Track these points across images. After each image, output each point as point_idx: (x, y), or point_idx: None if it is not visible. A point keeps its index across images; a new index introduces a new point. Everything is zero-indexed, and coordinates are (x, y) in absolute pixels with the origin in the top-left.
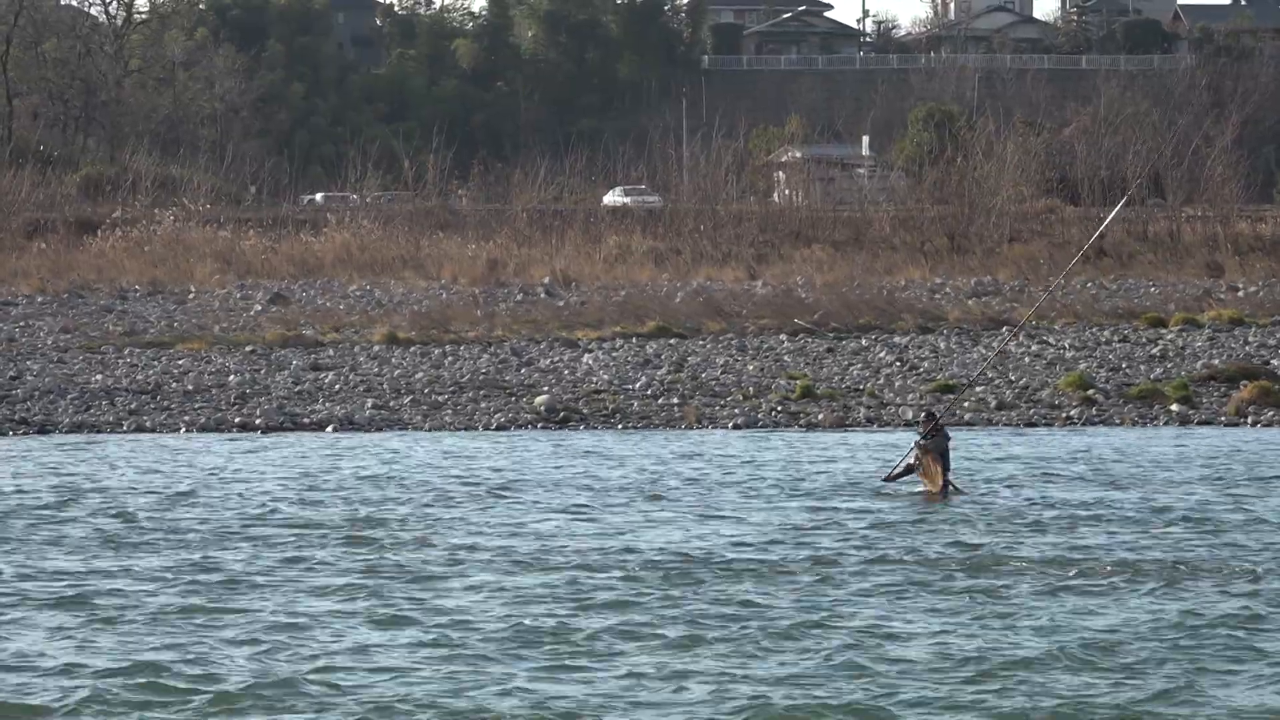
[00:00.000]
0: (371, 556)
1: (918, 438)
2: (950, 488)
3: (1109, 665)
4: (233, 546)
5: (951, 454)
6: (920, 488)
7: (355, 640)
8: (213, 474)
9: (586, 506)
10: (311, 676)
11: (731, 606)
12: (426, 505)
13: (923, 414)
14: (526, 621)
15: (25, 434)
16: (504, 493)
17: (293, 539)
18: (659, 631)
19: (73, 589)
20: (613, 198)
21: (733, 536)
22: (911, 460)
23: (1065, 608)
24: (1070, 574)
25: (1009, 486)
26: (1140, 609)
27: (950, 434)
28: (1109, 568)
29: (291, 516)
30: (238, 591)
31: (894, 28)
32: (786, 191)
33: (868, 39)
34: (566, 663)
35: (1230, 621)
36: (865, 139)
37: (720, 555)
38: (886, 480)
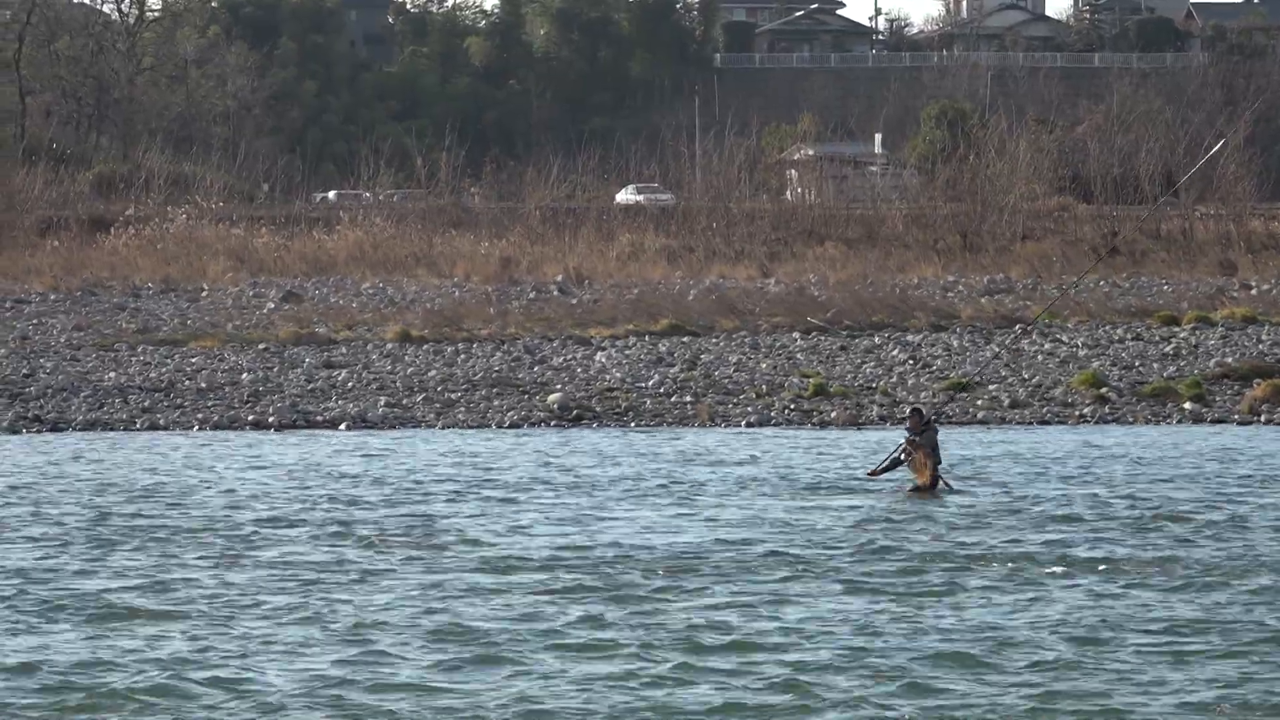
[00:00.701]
0: (371, 555)
1: (906, 434)
2: (940, 482)
3: (1077, 661)
4: (242, 544)
5: (941, 449)
6: (911, 481)
7: (348, 636)
8: (223, 472)
9: (584, 504)
10: (301, 672)
11: (704, 605)
12: (433, 503)
13: (910, 410)
14: (503, 621)
15: (38, 431)
16: (508, 491)
17: (298, 537)
18: (617, 630)
19: (80, 587)
20: (625, 195)
21: (717, 534)
22: (900, 455)
23: (1035, 604)
24: (1047, 571)
25: (1006, 483)
26: (1118, 607)
27: (939, 429)
28: (1097, 565)
29: (301, 515)
30: (240, 589)
31: (906, 26)
32: (799, 189)
33: (880, 37)
34: (529, 661)
35: (1216, 619)
36: (878, 137)
37: (698, 552)
38: (872, 474)
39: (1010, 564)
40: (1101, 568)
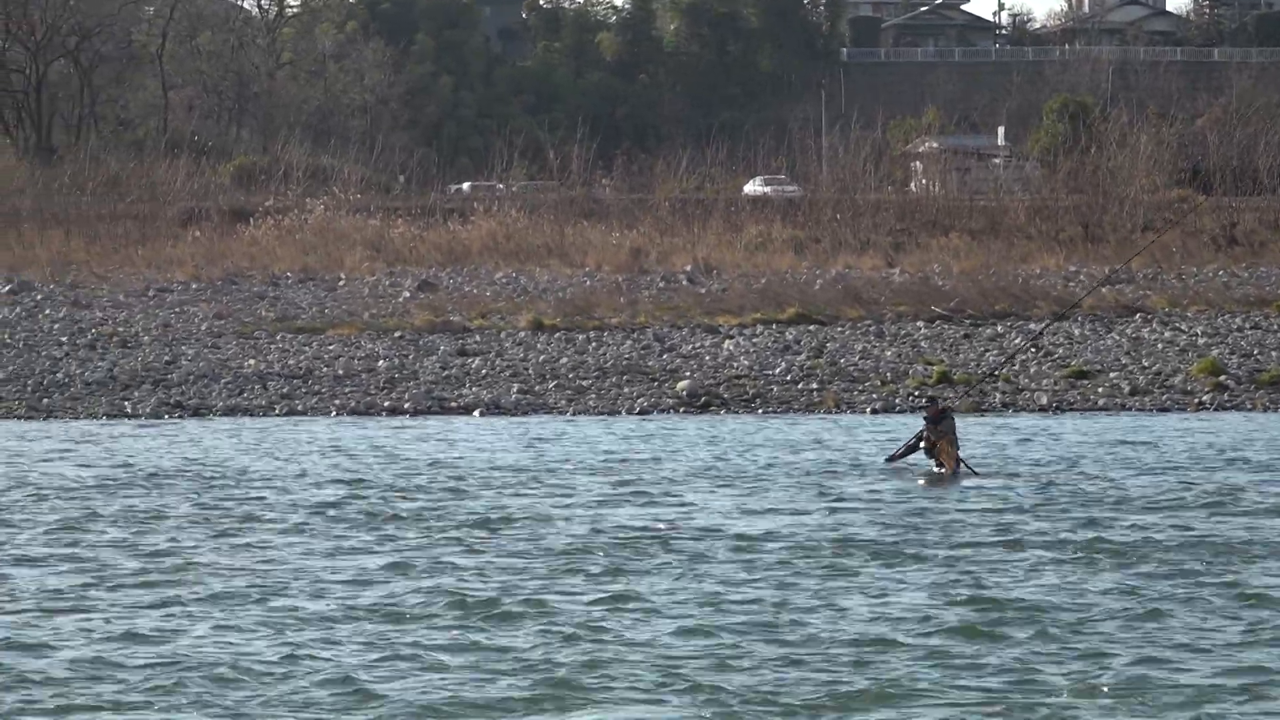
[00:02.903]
0: (487, 535)
1: (925, 422)
2: (962, 466)
3: (1077, 645)
4: (364, 527)
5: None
6: (926, 467)
7: (453, 621)
8: (359, 456)
9: (687, 489)
10: (410, 653)
11: (759, 584)
12: (558, 485)
13: (926, 399)
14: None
15: (181, 417)
16: (627, 474)
17: (416, 516)
18: (655, 610)
19: (201, 568)
20: (753, 187)
21: (809, 518)
22: (919, 444)
23: (1045, 590)
24: (1068, 558)
25: (1090, 469)
26: (1136, 594)
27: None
28: (1131, 553)
29: (425, 496)
30: (361, 571)
31: (1029, 20)
32: (924, 181)
33: (1003, 31)
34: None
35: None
36: (1001, 130)
37: (736, 538)
38: (889, 461)
39: (1076, 549)
40: (1166, 551)
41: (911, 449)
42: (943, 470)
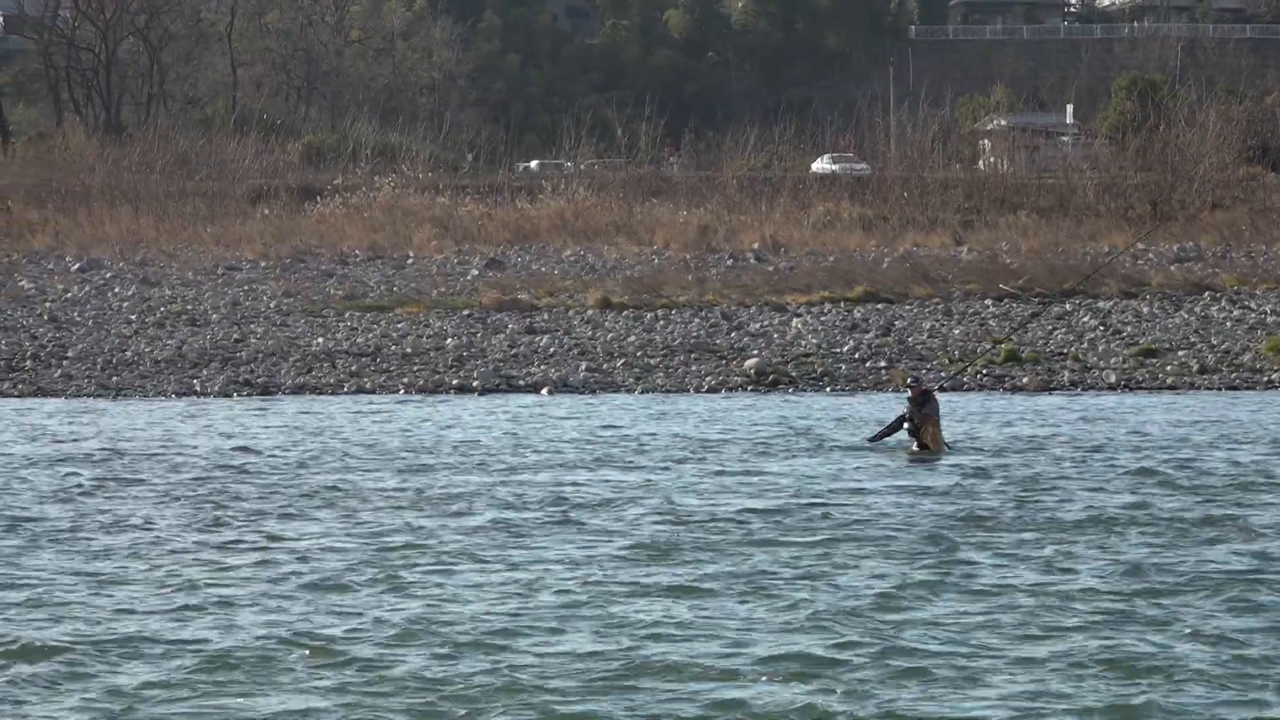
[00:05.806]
0: (537, 514)
1: (908, 403)
2: (945, 448)
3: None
4: (434, 508)
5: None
6: (914, 448)
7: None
8: (435, 432)
9: (778, 465)
10: (470, 631)
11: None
12: (626, 463)
13: (910, 380)
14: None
15: (250, 395)
16: (687, 452)
17: (475, 493)
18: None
19: (276, 548)
20: (821, 165)
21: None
22: (904, 424)
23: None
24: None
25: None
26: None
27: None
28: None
29: (481, 475)
30: (424, 553)
31: None
32: (992, 159)
33: (1071, 9)
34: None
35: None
36: (1069, 107)
37: (736, 519)
38: (871, 440)
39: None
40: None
41: (893, 429)
42: (928, 451)
